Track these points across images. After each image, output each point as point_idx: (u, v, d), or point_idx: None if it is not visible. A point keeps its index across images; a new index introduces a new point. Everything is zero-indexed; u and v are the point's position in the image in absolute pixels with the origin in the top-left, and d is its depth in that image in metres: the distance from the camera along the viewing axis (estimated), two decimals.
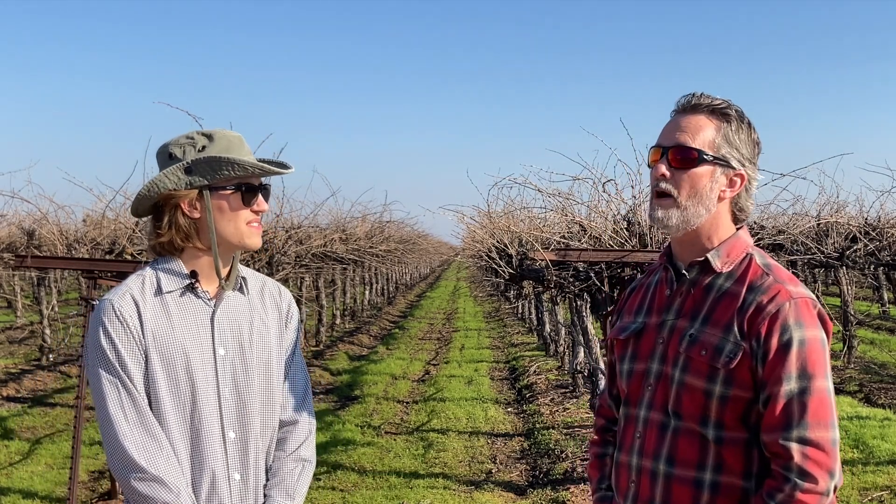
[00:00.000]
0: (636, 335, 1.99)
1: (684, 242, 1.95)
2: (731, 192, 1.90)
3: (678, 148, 1.87)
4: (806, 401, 1.76)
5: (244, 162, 2.06)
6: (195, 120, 5.44)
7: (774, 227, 9.57)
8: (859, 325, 14.00)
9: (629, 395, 1.98)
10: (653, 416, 1.91)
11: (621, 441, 2.00)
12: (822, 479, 1.74)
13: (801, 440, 1.75)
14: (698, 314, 1.88)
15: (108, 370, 2.01)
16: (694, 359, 1.84)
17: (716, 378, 1.81)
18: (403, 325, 19.82)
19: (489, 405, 9.61)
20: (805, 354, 1.77)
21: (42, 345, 12.39)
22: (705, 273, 1.91)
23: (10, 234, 13.60)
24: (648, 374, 1.93)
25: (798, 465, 1.74)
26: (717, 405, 1.82)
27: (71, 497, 5.40)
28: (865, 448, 7.00)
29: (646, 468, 1.91)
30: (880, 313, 17.19)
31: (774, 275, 1.85)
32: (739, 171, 1.89)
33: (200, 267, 2.12)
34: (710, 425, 1.83)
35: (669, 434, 1.87)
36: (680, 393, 1.86)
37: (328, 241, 13.08)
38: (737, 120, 1.90)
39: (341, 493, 6.30)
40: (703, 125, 1.88)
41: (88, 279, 5.61)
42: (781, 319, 1.78)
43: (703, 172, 1.87)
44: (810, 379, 1.77)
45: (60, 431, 8.30)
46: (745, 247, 1.92)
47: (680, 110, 1.93)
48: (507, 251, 8.32)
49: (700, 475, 1.84)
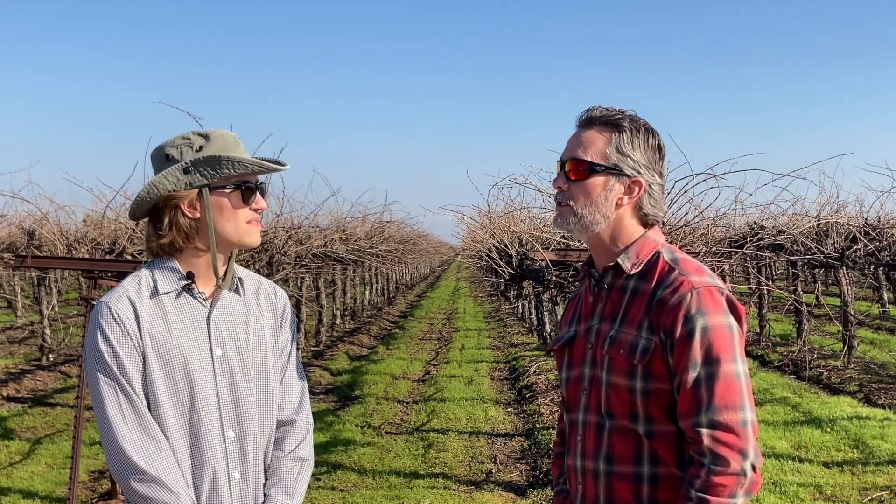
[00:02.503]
0: (569, 343, 2.08)
1: (595, 248, 2.05)
2: (630, 199, 1.98)
3: (572, 161, 2.00)
4: (713, 385, 1.82)
5: (244, 160, 2.07)
6: (195, 120, 5.44)
7: (774, 227, 9.58)
8: (859, 325, 13.99)
9: (569, 401, 2.09)
10: (590, 418, 1.99)
11: (568, 446, 2.09)
12: (734, 460, 1.80)
13: (711, 424, 1.81)
14: (616, 316, 1.97)
15: (106, 373, 2.02)
16: (615, 359, 1.93)
17: (636, 374, 1.90)
18: (403, 325, 19.82)
19: (489, 405, 9.61)
20: (709, 340, 1.84)
21: (42, 345, 12.39)
22: (618, 276, 2.00)
23: (11, 234, 13.61)
24: (582, 379, 2.02)
25: (709, 448, 1.80)
26: (641, 400, 1.90)
27: (71, 497, 5.41)
28: (865, 448, 7.00)
29: (589, 469, 1.99)
30: (880, 313, 17.18)
31: (680, 268, 1.93)
32: (636, 178, 1.97)
33: (198, 267, 2.12)
34: (639, 421, 1.91)
35: (606, 434, 1.96)
36: (609, 393, 1.94)
37: (328, 241, 13.08)
38: (630, 130, 1.98)
39: (341, 493, 6.30)
40: (595, 138, 1.98)
41: (88, 279, 5.61)
42: (684, 309, 1.85)
43: (597, 182, 1.97)
44: (715, 364, 1.83)
45: (60, 431, 8.30)
46: (654, 246, 2.00)
47: (578, 125, 2.03)
48: (508, 251, 8.32)
49: (638, 469, 1.92)
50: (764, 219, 9.77)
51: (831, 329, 14.80)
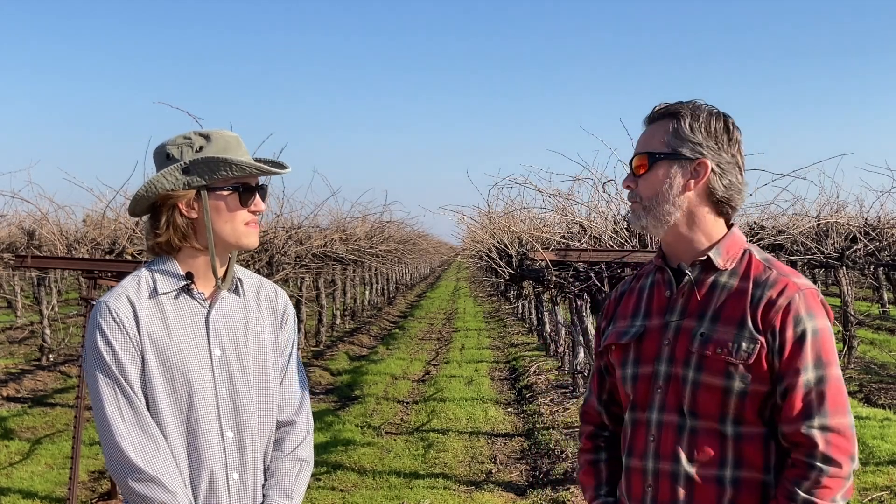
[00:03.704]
0: (637, 339, 1.99)
1: (672, 242, 1.97)
2: (697, 182, 1.92)
3: (636, 157, 1.97)
4: (824, 389, 1.81)
5: (242, 162, 2.06)
6: (195, 120, 5.45)
7: (774, 227, 9.57)
8: (859, 325, 13.99)
9: (636, 400, 1.97)
10: (666, 417, 1.91)
11: (631, 446, 1.99)
12: (845, 463, 1.79)
13: (824, 427, 1.80)
14: (706, 313, 1.90)
15: (105, 372, 2.01)
16: (709, 357, 1.86)
17: (734, 374, 1.84)
18: (403, 326, 19.82)
19: (489, 405, 9.61)
20: (819, 344, 1.83)
21: (42, 345, 12.39)
22: (707, 271, 1.93)
23: (11, 234, 13.61)
24: (657, 377, 1.93)
25: (822, 451, 1.79)
26: (735, 401, 1.85)
27: (71, 497, 5.41)
28: (865, 448, 6.99)
29: (664, 471, 1.91)
30: (880, 313, 17.18)
31: (777, 269, 1.90)
32: (699, 160, 1.91)
33: (197, 267, 2.12)
34: (728, 422, 1.86)
35: (687, 434, 1.89)
36: (695, 392, 1.87)
37: (328, 241, 13.09)
38: (688, 114, 1.93)
39: (341, 494, 6.30)
40: (656, 131, 1.96)
41: (88, 279, 5.61)
42: (794, 311, 1.83)
43: (659, 171, 1.93)
44: (825, 367, 1.82)
45: (60, 431, 8.30)
46: (741, 244, 1.96)
47: (644, 124, 2.02)
48: (507, 251, 8.33)
49: (721, 472, 1.87)
50: (764, 219, 9.75)
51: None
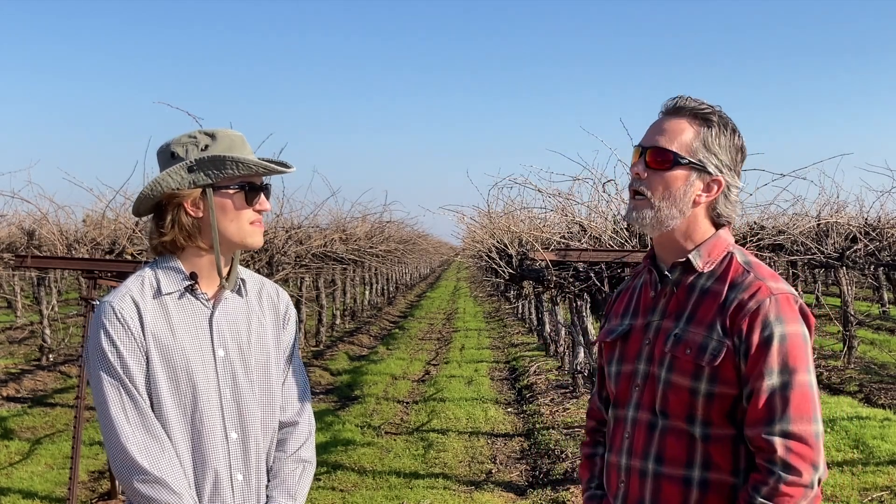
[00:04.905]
0: (623, 337, 2.02)
1: (663, 244, 1.97)
2: (708, 198, 1.92)
3: (655, 150, 1.90)
4: (788, 395, 1.78)
5: (248, 161, 2.06)
6: (195, 120, 5.45)
7: (774, 227, 9.57)
8: (859, 325, 13.98)
9: (618, 397, 2.01)
10: (641, 416, 1.93)
11: (611, 442, 2.02)
12: (805, 471, 1.76)
13: (784, 434, 1.77)
14: (682, 314, 1.91)
15: (109, 373, 2.01)
16: (679, 358, 1.87)
17: (701, 376, 1.84)
18: (403, 326, 19.82)
19: (489, 405, 9.61)
20: (786, 349, 1.80)
21: (42, 345, 12.39)
22: (687, 273, 1.93)
23: (10, 234, 13.62)
24: (636, 375, 1.96)
25: (781, 458, 1.76)
26: (703, 403, 1.84)
27: (71, 497, 5.41)
28: (865, 448, 7.00)
29: (635, 468, 1.93)
30: (880, 313, 17.18)
31: (755, 272, 1.88)
32: (717, 177, 1.90)
33: (200, 267, 2.12)
34: (696, 423, 1.86)
35: (657, 433, 1.90)
36: (666, 392, 1.88)
37: (328, 241, 13.09)
38: (718, 125, 1.91)
39: (341, 494, 6.30)
40: (682, 128, 1.90)
41: (88, 279, 5.61)
42: (762, 315, 1.80)
43: (678, 175, 1.89)
44: (791, 373, 1.79)
45: (60, 431, 8.30)
46: (725, 246, 1.94)
47: (664, 112, 1.95)
48: (507, 251, 8.33)
49: (689, 473, 1.86)
50: (764, 219, 9.75)
51: (831, 329, 14.79)
